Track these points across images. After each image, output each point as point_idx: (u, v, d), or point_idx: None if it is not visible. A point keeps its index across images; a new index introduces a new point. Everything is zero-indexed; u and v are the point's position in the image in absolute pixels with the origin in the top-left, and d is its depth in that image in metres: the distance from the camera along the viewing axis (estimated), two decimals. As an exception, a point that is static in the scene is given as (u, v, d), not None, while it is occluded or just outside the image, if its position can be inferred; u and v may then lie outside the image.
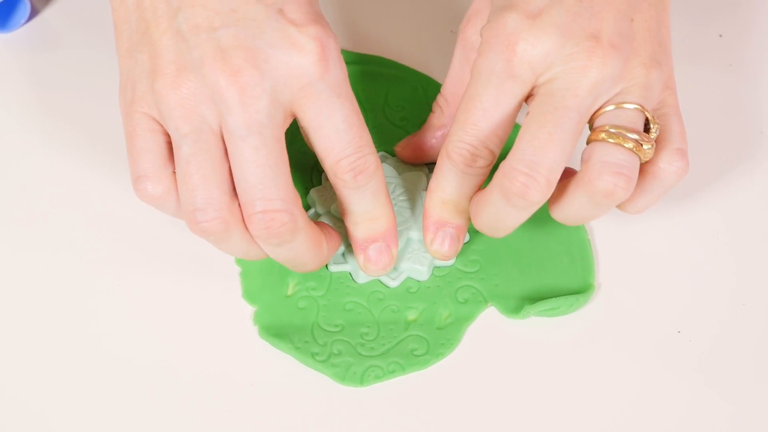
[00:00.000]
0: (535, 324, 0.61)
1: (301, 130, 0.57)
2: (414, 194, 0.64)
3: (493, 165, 0.58)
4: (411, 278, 0.62)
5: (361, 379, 0.59)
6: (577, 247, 0.63)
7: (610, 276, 0.63)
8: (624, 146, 0.56)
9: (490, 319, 0.61)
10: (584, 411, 0.59)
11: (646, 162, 0.57)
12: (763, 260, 0.64)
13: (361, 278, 0.62)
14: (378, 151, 0.66)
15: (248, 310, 0.61)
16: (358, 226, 0.60)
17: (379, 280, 0.62)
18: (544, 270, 0.62)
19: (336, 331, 0.60)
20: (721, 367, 0.60)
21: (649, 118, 0.57)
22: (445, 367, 0.60)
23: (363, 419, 0.58)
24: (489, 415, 0.59)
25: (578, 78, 0.56)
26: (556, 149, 0.55)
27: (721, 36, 0.73)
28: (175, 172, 0.56)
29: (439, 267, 0.63)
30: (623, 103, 0.57)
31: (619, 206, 0.59)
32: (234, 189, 0.56)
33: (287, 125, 0.56)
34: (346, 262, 0.62)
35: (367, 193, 0.58)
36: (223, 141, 0.55)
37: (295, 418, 0.58)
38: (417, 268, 0.62)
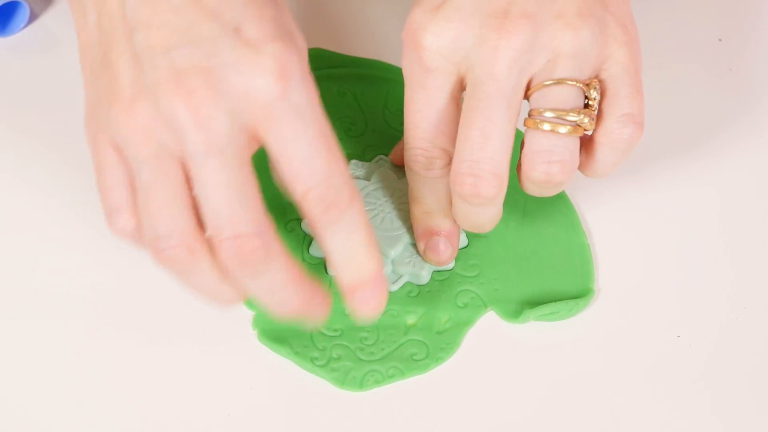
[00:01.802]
0: (534, 328, 0.61)
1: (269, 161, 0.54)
2: (413, 198, 0.64)
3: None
4: (410, 282, 0.62)
5: (361, 384, 0.59)
6: (576, 252, 0.63)
7: (610, 280, 0.63)
8: (558, 132, 0.55)
9: (489, 323, 0.61)
10: (584, 416, 0.59)
11: (595, 130, 0.57)
12: (763, 264, 0.64)
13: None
14: (377, 156, 0.66)
15: (247, 314, 0.61)
16: (340, 272, 0.54)
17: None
18: (544, 274, 0.62)
19: (335, 336, 0.60)
20: (722, 372, 0.60)
21: (585, 91, 0.56)
22: (444, 371, 0.60)
23: (362, 424, 0.58)
24: (489, 420, 0.59)
25: (493, 60, 0.55)
26: (493, 142, 0.55)
27: (720, 40, 0.73)
28: None
29: (438, 271, 0.62)
30: (554, 77, 0.55)
31: (582, 172, 0.59)
32: (200, 219, 0.52)
33: (253, 149, 0.53)
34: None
35: (341, 230, 0.53)
36: (184, 168, 0.52)
37: (293, 422, 0.58)
38: (417, 272, 0.62)
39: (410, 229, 0.63)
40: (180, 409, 0.58)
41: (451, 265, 0.63)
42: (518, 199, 0.64)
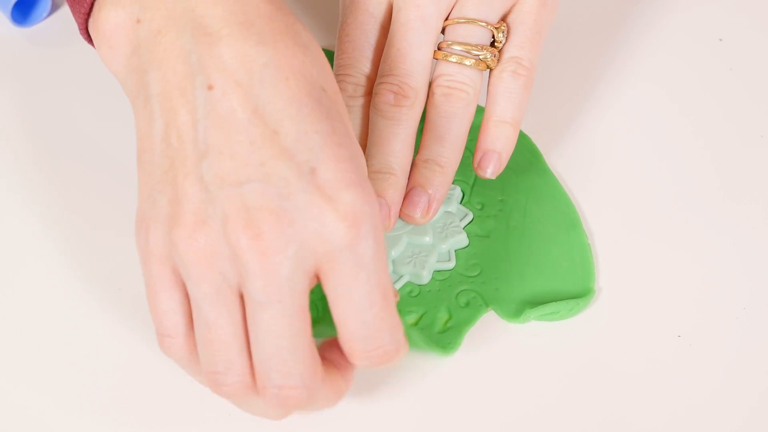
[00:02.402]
0: (535, 329, 0.61)
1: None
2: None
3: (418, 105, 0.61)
4: (411, 282, 0.62)
5: None
6: (577, 252, 0.63)
7: (611, 280, 0.63)
8: (463, 63, 0.61)
9: (490, 323, 0.61)
10: (584, 415, 0.59)
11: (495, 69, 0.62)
12: (764, 265, 0.64)
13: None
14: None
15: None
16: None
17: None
18: (544, 274, 0.62)
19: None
20: (722, 372, 0.60)
21: (493, 33, 0.61)
22: (444, 372, 0.60)
23: (362, 425, 0.58)
24: (489, 420, 0.59)
25: None
26: (410, 59, 0.60)
27: (721, 40, 0.73)
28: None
29: (439, 271, 0.63)
30: (467, 16, 0.61)
31: (491, 112, 0.62)
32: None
33: (312, 287, 0.52)
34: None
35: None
36: (242, 298, 0.52)
37: (294, 423, 0.58)
38: (418, 272, 0.62)
39: (411, 228, 0.63)
40: (180, 409, 0.58)
41: (451, 265, 0.63)
42: (519, 200, 0.64)
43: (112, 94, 0.67)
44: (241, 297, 0.52)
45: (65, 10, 0.72)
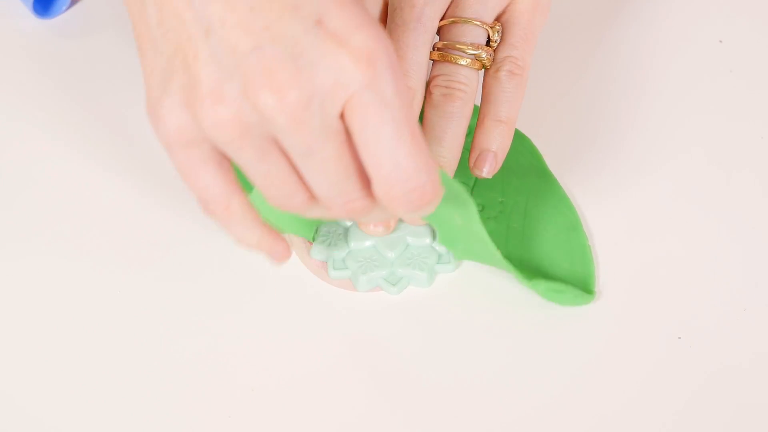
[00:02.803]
0: (535, 329, 0.61)
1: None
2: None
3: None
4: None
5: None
6: (577, 253, 0.63)
7: (611, 282, 0.63)
8: (459, 63, 0.61)
9: (490, 324, 0.61)
10: (584, 417, 0.59)
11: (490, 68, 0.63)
12: (764, 266, 0.64)
13: (361, 286, 0.62)
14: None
15: (248, 316, 0.61)
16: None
17: (380, 288, 0.62)
18: (546, 276, 0.62)
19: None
20: (722, 373, 0.60)
21: (489, 33, 0.62)
22: (443, 371, 0.60)
23: (363, 425, 0.58)
24: (489, 420, 0.59)
25: None
26: (407, 58, 0.61)
27: (721, 41, 0.73)
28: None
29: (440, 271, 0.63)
30: (463, 15, 0.62)
31: (486, 112, 0.62)
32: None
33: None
34: (346, 267, 0.62)
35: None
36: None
37: (294, 424, 0.58)
38: (417, 273, 0.62)
39: (410, 230, 0.63)
40: (181, 410, 0.58)
41: (452, 267, 0.63)
42: (519, 201, 0.64)
43: (133, 84, 0.68)
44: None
45: (86, 2, 0.72)
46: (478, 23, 0.62)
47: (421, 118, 0.62)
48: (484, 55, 0.61)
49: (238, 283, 0.62)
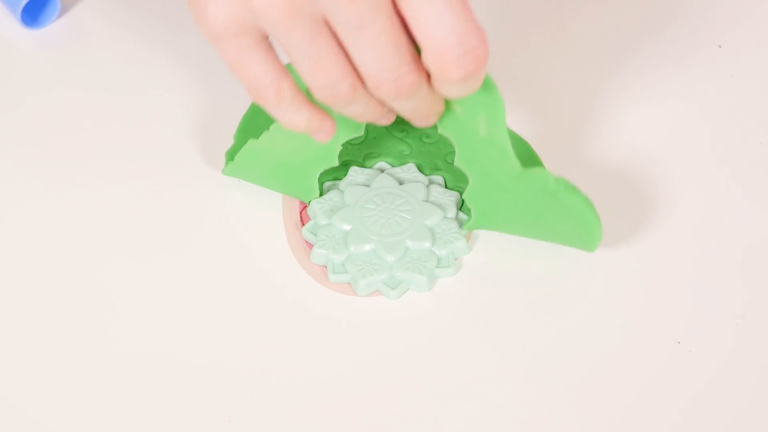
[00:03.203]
0: (534, 330, 0.61)
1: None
2: (414, 205, 0.64)
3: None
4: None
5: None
6: (575, 215, 0.62)
7: (610, 286, 0.63)
8: None
9: (489, 328, 0.61)
10: (584, 421, 0.59)
11: None
12: (764, 271, 0.64)
13: (360, 290, 0.62)
14: (377, 162, 0.66)
15: (247, 319, 0.61)
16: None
17: (380, 292, 0.62)
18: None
19: None
20: (721, 378, 0.60)
21: None
22: (442, 370, 0.60)
23: (363, 428, 0.58)
24: (489, 421, 0.59)
25: None
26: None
27: (720, 47, 0.73)
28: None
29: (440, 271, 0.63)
30: None
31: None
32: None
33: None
34: (346, 271, 0.62)
35: (473, 87, 0.55)
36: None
37: (294, 428, 0.58)
38: (416, 277, 0.62)
39: (409, 234, 0.63)
40: (181, 415, 0.58)
41: (452, 271, 0.63)
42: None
43: (121, 96, 0.68)
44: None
45: (74, 13, 0.73)
46: None
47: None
48: None
49: (237, 287, 0.62)
